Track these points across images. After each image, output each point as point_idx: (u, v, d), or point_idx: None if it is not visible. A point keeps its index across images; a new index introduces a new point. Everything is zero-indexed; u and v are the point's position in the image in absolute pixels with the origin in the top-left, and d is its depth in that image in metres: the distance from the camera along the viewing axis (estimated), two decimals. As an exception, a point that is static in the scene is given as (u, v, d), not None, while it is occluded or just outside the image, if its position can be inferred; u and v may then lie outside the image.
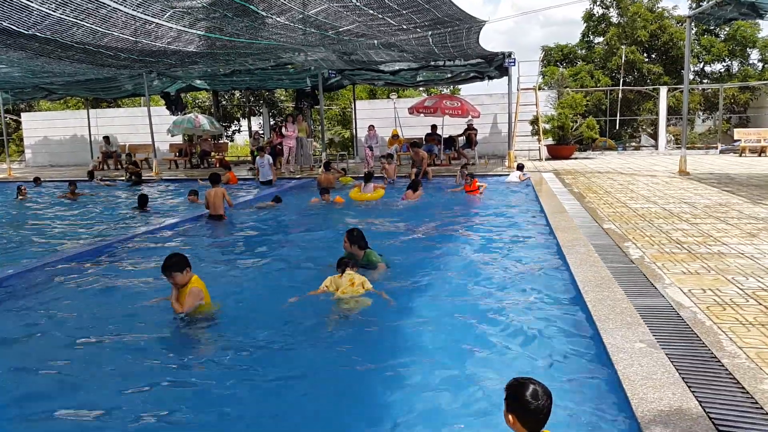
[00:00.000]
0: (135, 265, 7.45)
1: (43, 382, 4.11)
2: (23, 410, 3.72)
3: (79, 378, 4.16)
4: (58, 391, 3.97)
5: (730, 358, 3.57)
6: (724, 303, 4.57)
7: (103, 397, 3.86)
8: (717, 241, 6.78)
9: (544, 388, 2.54)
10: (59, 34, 9.32)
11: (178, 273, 5.04)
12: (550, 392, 2.55)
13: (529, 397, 2.48)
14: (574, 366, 3.97)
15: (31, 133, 28.42)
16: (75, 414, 3.63)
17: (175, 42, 11.02)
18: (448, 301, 5.57)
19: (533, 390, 2.50)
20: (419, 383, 3.89)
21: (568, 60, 31.00)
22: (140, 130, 25.09)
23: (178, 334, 4.94)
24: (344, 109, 31.29)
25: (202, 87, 23.97)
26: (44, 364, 4.38)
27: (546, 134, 21.69)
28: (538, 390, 2.50)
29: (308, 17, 10.41)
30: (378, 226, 9.52)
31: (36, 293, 6.23)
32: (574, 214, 8.86)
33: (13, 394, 3.95)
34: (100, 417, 3.59)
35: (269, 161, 16.15)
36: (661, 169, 16.03)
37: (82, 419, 3.58)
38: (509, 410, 2.55)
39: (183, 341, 4.88)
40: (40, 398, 3.87)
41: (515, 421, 2.53)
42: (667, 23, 28.06)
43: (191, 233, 9.72)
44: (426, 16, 11.72)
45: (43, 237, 9.86)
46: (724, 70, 29.30)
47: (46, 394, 3.94)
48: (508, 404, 2.56)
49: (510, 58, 17.76)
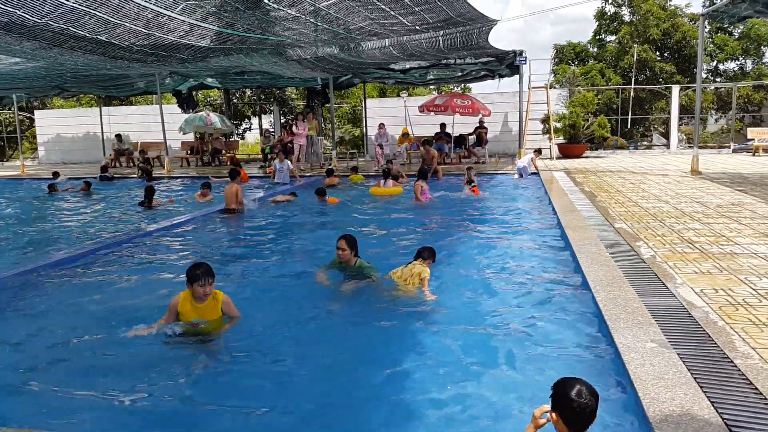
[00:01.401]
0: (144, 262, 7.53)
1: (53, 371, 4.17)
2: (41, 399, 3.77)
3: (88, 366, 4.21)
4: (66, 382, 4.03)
5: (742, 358, 3.55)
6: (737, 303, 4.54)
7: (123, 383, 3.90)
8: (729, 240, 6.73)
9: (590, 387, 2.54)
10: (71, 24, 9.38)
11: (213, 280, 4.63)
12: (596, 393, 2.55)
13: (573, 395, 2.50)
14: (584, 365, 3.96)
15: (45, 130, 28.66)
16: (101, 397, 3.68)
17: (188, 36, 11.06)
18: (456, 298, 5.58)
19: (579, 389, 2.51)
20: (427, 379, 3.91)
21: (579, 58, 30.88)
22: (152, 128, 25.26)
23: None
24: (355, 107, 31.33)
25: (213, 85, 24.09)
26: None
27: (557, 133, 21.62)
28: (583, 389, 2.52)
29: (319, 10, 10.38)
30: (382, 228, 9.54)
31: (58, 288, 6.31)
32: (586, 213, 8.83)
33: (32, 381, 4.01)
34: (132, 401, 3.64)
35: (288, 166, 15.99)
36: (673, 169, 15.93)
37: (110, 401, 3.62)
38: (554, 408, 2.58)
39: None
40: (51, 387, 3.92)
41: (558, 419, 2.55)
42: (680, 21, 27.88)
43: (202, 229, 9.81)
44: (439, 15, 11.71)
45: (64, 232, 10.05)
46: (737, 68, 29.08)
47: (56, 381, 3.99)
48: (553, 402, 2.58)
49: (521, 56, 17.74)
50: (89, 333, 4.94)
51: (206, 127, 22.24)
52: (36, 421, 3.50)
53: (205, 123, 22.00)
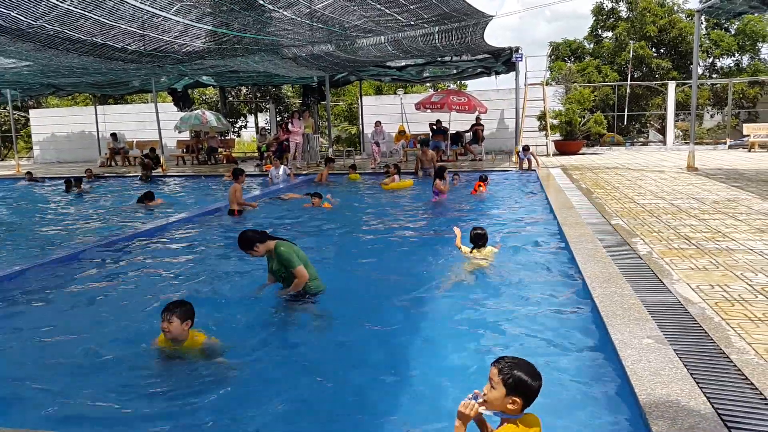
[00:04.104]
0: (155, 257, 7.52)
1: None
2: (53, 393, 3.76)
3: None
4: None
5: (738, 354, 3.54)
6: (733, 299, 4.54)
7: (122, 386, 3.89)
8: (725, 237, 6.74)
9: (529, 364, 2.59)
10: (67, 26, 9.34)
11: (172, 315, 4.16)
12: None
13: (534, 381, 2.50)
14: (581, 362, 3.96)
15: (40, 129, 28.57)
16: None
17: (182, 36, 11.02)
18: (453, 294, 5.57)
19: (531, 371, 2.53)
20: (422, 372, 3.92)
21: (576, 55, 30.87)
22: (148, 127, 25.22)
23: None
24: (351, 104, 31.28)
25: (209, 83, 24.02)
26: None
27: (553, 129, 21.62)
28: (533, 369, 2.54)
29: (315, 12, 10.38)
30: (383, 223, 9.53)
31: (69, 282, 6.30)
32: (582, 210, 8.83)
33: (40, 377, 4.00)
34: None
35: (285, 171, 15.76)
36: (669, 165, 15.95)
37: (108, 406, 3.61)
38: (509, 394, 2.48)
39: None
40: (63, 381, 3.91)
41: (522, 403, 2.49)
42: (676, 18, 27.88)
43: (206, 225, 9.84)
44: (434, 11, 11.67)
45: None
46: (733, 64, 29.11)
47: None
48: (511, 390, 2.47)
49: (517, 53, 17.71)
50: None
51: (202, 125, 22.19)
52: (37, 422, 3.49)
53: (200, 121, 21.96)
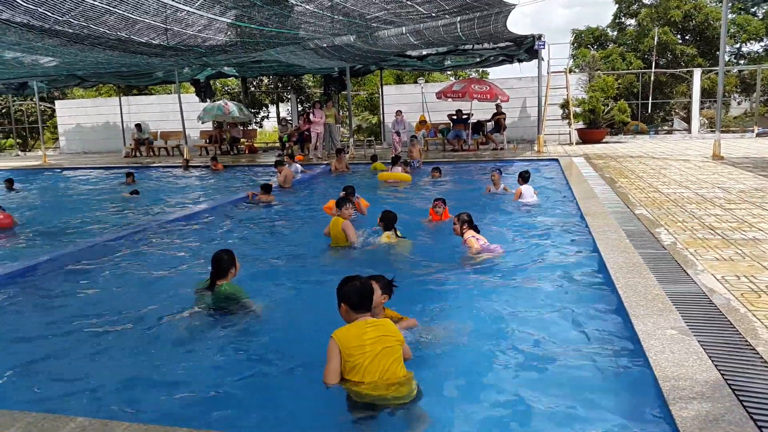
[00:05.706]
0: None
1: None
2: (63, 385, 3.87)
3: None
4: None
5: (765, 345, 3.52)
6: (760, 290, 4.50)
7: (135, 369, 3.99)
8: (752, 227, 6.65)
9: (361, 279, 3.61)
10: (92, 21, 9.48)
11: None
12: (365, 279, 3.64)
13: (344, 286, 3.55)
14: (604, 352, 3.96)
15: (65, 120, 28.99)
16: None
17: (206, 30, 11.12)
18: (476, 284, 5.59)
19: (348, 281, 3.57)
20: (445, 366, 3.94)
21: (599, 42, 30.46)
22: (171, 117, 25.47)
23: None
24: (372, 94, 31.25)
25: (231, 74, 24.15)
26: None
27: (577, 118, 21.40)
28: (356, 282, 3.54)
29: (336, 5, 10.41)
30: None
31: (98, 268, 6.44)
32: (605, 199, 8.76)
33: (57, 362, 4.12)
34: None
35: (297, 169, 15.44)
36: (694, 154, 15.71)
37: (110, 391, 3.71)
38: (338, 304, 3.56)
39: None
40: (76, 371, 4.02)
41: (347, 309, 3.50)
42: (701, 3, 27.34)
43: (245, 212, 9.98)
44: (455, 1, 11.62)
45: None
46: (762, 50, 28.48)
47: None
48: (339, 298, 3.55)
49: (540, 40, 17.51)
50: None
51: (224, 115, 22.35)
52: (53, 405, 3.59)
53: (223, 112, 22.11)
